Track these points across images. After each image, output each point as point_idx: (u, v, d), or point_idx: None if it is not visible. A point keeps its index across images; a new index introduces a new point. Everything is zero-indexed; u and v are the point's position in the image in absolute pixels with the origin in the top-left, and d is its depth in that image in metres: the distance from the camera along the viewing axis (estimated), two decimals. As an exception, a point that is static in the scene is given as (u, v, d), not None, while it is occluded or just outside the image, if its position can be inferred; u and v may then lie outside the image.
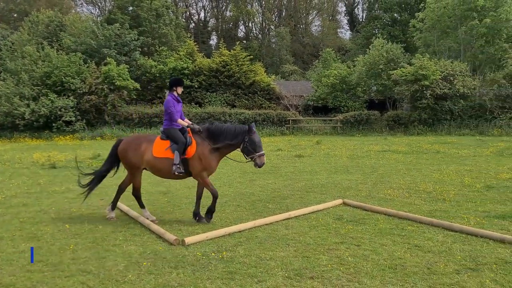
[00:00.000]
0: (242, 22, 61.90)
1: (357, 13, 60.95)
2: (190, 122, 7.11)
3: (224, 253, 5.36)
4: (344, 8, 63.88)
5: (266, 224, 6.66)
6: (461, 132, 23.95)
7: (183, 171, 6.71)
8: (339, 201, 8.10)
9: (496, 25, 26.34)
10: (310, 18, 64.41)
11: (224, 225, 6.61)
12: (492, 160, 13.80)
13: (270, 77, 33.19)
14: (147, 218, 6.84)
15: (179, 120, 6.96)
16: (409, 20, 34.46)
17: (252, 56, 33.30)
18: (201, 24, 63.08)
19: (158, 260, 5.17)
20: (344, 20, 64.86)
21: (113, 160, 7.21)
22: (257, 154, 6.73)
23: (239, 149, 6.90)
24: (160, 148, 6.79)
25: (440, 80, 24.53)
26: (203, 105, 29.75)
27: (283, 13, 62.57)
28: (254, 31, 63.61)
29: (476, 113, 25.24)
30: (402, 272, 4.67)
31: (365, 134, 25.67)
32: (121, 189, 7.26)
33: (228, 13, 61.29)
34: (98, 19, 38.45)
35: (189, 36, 38.46)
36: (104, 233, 6.34)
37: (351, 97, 30.53)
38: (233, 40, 45.81)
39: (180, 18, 43.45)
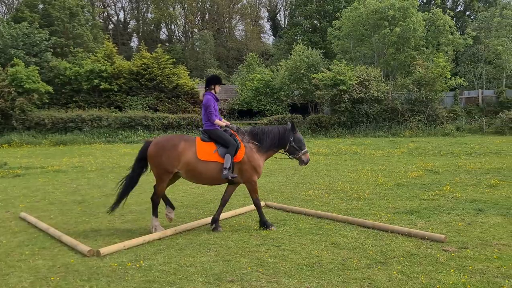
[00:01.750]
0: (164, 24, 60.70)
1: (279, 19, 62.60)
2: (228, 123, 6.75)
3: (142, 262, 5.16)
4: (266, 14, 65.29)
5: (188, 230, 6.53)
6: (376, 134, 25.47)
7: (236, 175, 6.35)
8: (261, 203, 8.17)
9: (405, 34, 28.46)
10: (234, 23, 65.07)
11: (143, 233, 6.37)
12: (403, 160, 14.83)
13: (194, 81, 32.89)
14: (155, 228, 6.34)
15: (217, 121, 6.56)
16: (328, 27, 36.07)
17: (174, 59, 32.75)
18: (120, 25, 60.95)
19: (69, 273, 4.84)
20: (267, 25, 66.35)
21: (142, 165, 6.54)
22: (302, 151, 6.73)
23: (281, 151, 6.79)
24: (206, 151, 6.31)
25: (357, 85, 25.91)
26: (123, 109, 28.65)
27: (206, 17, 62.48)
28: (177, 34, 62.80)
29: (389, 116, 26.99)
30: (319, 270, 4.81)
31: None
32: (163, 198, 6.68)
33: (149, 15, 59.83)
34: (5, 17, 35.57)
35: (107, 37, 36.91)
36: (9, 248, 5.82)
37: (275, 101, 31.21)
38: (155, 42, 44.80)
39: (97, 18, 41.59)
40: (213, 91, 6.71)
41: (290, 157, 6.86)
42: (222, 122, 6.62)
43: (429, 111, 26.46)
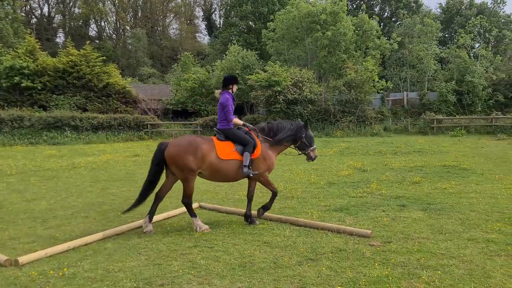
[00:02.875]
0: (93, 20, 58.03)
1: (214, 18, 62.36)
2: (243, 122, 6.83)
3: (66, 269, 4.86)
4: (201, 13, 64.76)
5: (117, 234, 6.27)
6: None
7: (256, 172, 6.52)
8: (195, 204, 8.05)
9: (336, 38, 29.53)
10: (168, 21, 63.74)
11: (68, 239, 6.02)
12: (334, 159, 15.35)
13: (126, 80, 31.80)
14: (200, 228, 6.30)
15: (235, 120, 6.65)
16: (262, 29, 36.47)
17: (105, 57, 31.41)
18: (45, 20, 57.37)
19: (-18, 287, 4.44)
20: (202, 25, 65.75)
21: (159, 169, 6.42)
22: (311, 148, 7.13)
23: (292, 146, 7.08)
24: (226, 150, 6.39)
25: (291, 86, 26.47)
26: (48, 108, 26.98)
27: (139, 14, 60.61)
28: (108, 31, 60.31)
29: (322, 116, 27.85)
30: (251, 269, 4.81)
31: (223, 137, 26.28)
32: (159, 198, 6.57)
33: (76, 10, 56.84)
34: None
35: (29, 32, 34.60)
36: None
37: (211, 101, 31.04)
38: (84, 39, 42.65)
39: (19, 12, 38.88)
40: (230, 91, 6.81)
41: (299, 152, 7.25)
42: (239, 121, 6.74)
43: (359, 112, 27.66)
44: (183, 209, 7.66)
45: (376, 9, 47.58)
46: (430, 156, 15.67)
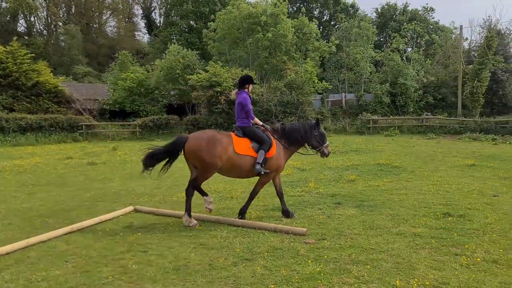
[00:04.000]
0: (22, 15, 54.48)
1: (154, 17, 60.82)
2: (262, 123, 7.04)
3: (-18, 282, 4.49)
4: (141, 11, 62.94)
5: (43, 242, 5.89)
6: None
7: (268, 171, 6.68)
8: (130, 208, 7.80)
9: (277, 40, 29.93)
10: (104, 18, 61.22)
11: (-13, 247, 5.56)
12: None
13: (58, 78, 30.20)
14: (189, 223, 6.59)
15: (256, 119, 6.91)
16: (204, 28, 36.16)
17: (34, 54, 29.49)
18: (-35, 13, 53.08)
19: None
20: (141, 23, 63.81)
21: (172, 155, 6.74)
22: (324, 145, 7.28)
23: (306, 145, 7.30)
24: (243, 145, 6.59)
25: (233, 87, 26.44)
26: (-32, 108, 24.97)
27: (73, 10, 57.72)
28: (38, 27, 56.84)
29: (264, 117, 28.01)
30: (185, 272, 4.72)
31: (165, 138, 25.73)
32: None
33: (3, 4, 53.04)
34: None
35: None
36: None
37: (150, 101, 30.30)
38: (11, 34, 39.85)
39: None
40: (247, 90, 7.00)
41: (314, 151, 7.44)
42: (258, 121, 7.03)
43: (300, 112, 28.20)
44: (117, 212, 7.40)
45: (315, 13, 48.85)
46: (365, 155, 16.27)
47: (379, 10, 49.30)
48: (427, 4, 57.05)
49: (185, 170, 12.74)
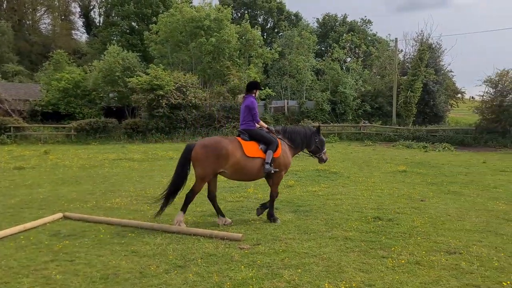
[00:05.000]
0: None
1: (94, 16, 58.50)
2: (266, 125, 7.27)
3: None
4: (78, 9, 60.29)
5: (-43, 254, 5.42)
6: (195, 140, 25.93)
7: (277, 169, 6.94)
8: (59, 215, 7.39)
9: (220, 45, 29.93)
10: (39, 15, 58.01)
11: None
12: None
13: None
14: (179, 224, 6.58)
15: (261, 122, 7.14)
16: (146, 30, 35.38)
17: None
18: None
19: None
20: (79, 21, 61.12)
21: (187, 168, 6.90)
22: (323, 151, 7.67)
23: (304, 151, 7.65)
24: (252, 148, 6.81)
25: (175, 91, 26.05)
26: None
27: (4, 5, 54.24)
28: (-37, 22, 52.88)
29: (207, 122, 27.88)
30: (114, 281, 4.54)
31: (102, 142, 24.83)
32: (213, 199, 7.10)
33: None
34: None
35: None
36: None
37: (87, 103, 29.08)
38: None
39: None
40: (254, 95, 7.19)
41: (313, 156, 7.79)
42: (264, 124, 7.23)
43: (242, 118, 28.26)
44: (43, 220, 7.00)
45: (259, 20, 49.44)
46: (305, 160, 16.53)
47: (321, 20, 50.83)
48: (365, 16, 59.57)
49: (121, 175, 12.37)
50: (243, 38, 32.91)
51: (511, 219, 7.23)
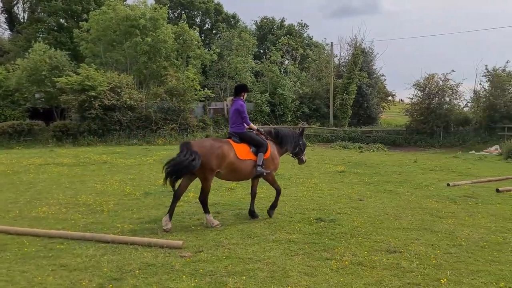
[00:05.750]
0: None
1: (17, 12, 54.40)
2: (256, 127, 7.49)
3: None
4: (0, 4, 55.81)
5: None
6: (130, 142, 25.02)
7: (268, 171, 7.18)
8: (-24, 227, 6.64)
9: (157, 44, 29.08)
10: (-47, 8, 53.03)
11: None
12: (154, 168, 14.81)
13: None
14: (212, 224, 6.78)
15: (251, 124, 7.30)
16: (76, 28, 33.58)
17: None
18: None
19: None
20: (1, 17, 56.58)
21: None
22: (304, 153, 8.10)
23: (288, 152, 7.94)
24: (243, 151, 6.95)
25: (108, 91, 24.91)
26: None
27: None
28: None
29: (143, 124, 26.95)
30: (39, 301, 4.07)
31: (27, 146, 23.16)
32: (177, 197, 6.95)
33: None
34: None
35: None
36: None
37: (10, 104, 26.99)
38: None
39: None
40: (242, 98, 7.32)
41: (294, 157, 8.15)
42: (253, 126, 7.39)
43: (181, 120, 27.73)
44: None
45: (197, 20, 48.81)
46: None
47: (258, 22, 51.23)
48: (301, 20, 60.91)
49: (49, 181, 11.50)
50: (180, 38, 32.25)
51: (444, 216, 7.55)
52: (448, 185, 10.87)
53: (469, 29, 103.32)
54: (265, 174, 7.12)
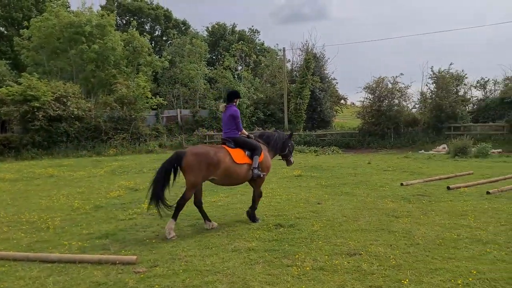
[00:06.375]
0: None
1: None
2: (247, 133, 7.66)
3: None
4: None
5: None
6: (79, 154, 23.97)
7: (265, 173, 7.41)
8: None
9: (104, 52, 28.15)
10: None
11: None
12: (105, 180, 14.21)
13: None
14: (169, 234, 6.57)
15: (243, 130, 7.47)
16: (17, 35, 31.94)
17: None
18: None
19: None
20: None
21: (169, 174, 6.76)
22: (291, 155, 8.28)
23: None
24: (239, 155, 7.09)
25: (53, 102, 23.77)
26: None
27: None
28: None
29: (92, 134, 25.93)
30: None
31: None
32: (199, 206, 7.27)
33: None
34: None
35: None
36: None
37: None
38: None
39: None
40: (234, 104, 7.53)
41: (283, 159, 8.32)
42: (245, 131, 7.56)
43: (132, 129, 26.94)
44: None
45: (147, 27, 47.85)
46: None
47: (210, 29, 50.99)
48: (252, 26, 61.33)
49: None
50: (130, 45, 31.43)
51: (400, 215, 7.64)
52: (402, 184, 11.10)
53: (415, 33, 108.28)
54: (261, 176, 7.33)
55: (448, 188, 10.24)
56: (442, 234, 6.35)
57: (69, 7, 36.30)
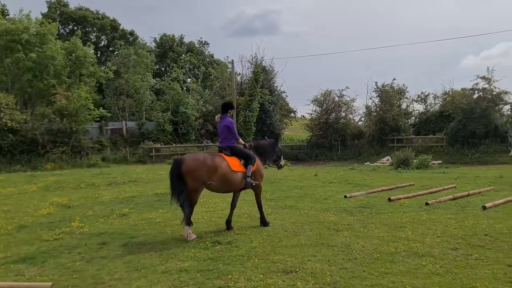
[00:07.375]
0: None
1: None
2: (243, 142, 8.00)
3: None
4: None
5: None
6: (12, 169, 22.39)
7: (257, 182, 7.82)
8: None
9: (43, 61, 26.72)
10: None
11: None
12: (37, 196, 13.23)
13: None
14: (189, 237, 6.96)
15: (240, 139, 7.85)
16: None
17: None
18: None
19: None
20: None
21: (180, 183, 6.98)
22: (281, 159, 8.85)
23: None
24: (235, 163, 7.42)
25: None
26: None
27: None
28: None
29: (28, 147, 24.39)
30: None
31: None
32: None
33: None
34: None
35: None
36: None
37: None
38: None
39: None
40: (229, 115, 7.88)
41: (273, 164, 8.80)
42: (241, 141, 7.87)
43: (73, 142, 25.65)
44: None
45: (92, 37, 46.22)
46: (144, 185, 15.56)
47: (158, 40, 50.11)
48: (201, 38, 61.09)
49: None
50: (72, 55, 30.10)
51: (340, 229, 7.53)
52: (345, 197, 11.11)
53: (361, 48, 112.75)
54: (254, 184, 7.61)
55: (389, 199, 10.35)
56: (380, 247, 6.26)
57: (8, 14, 34.41)
